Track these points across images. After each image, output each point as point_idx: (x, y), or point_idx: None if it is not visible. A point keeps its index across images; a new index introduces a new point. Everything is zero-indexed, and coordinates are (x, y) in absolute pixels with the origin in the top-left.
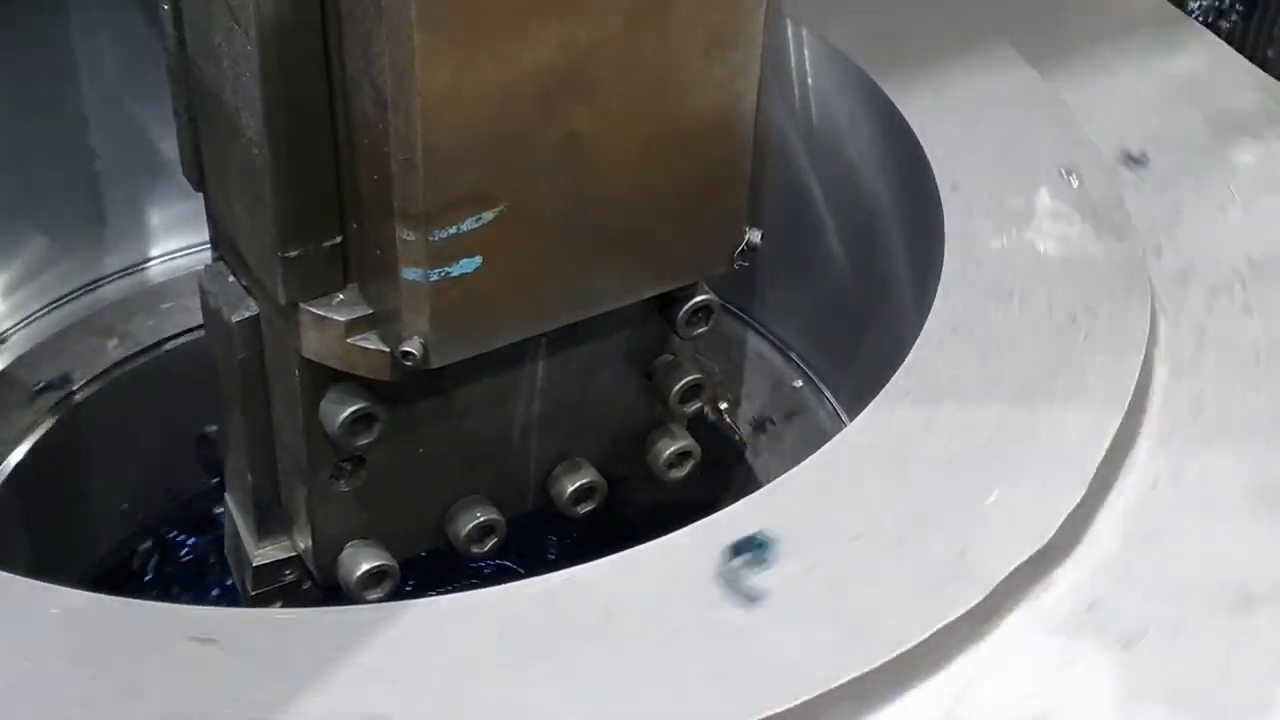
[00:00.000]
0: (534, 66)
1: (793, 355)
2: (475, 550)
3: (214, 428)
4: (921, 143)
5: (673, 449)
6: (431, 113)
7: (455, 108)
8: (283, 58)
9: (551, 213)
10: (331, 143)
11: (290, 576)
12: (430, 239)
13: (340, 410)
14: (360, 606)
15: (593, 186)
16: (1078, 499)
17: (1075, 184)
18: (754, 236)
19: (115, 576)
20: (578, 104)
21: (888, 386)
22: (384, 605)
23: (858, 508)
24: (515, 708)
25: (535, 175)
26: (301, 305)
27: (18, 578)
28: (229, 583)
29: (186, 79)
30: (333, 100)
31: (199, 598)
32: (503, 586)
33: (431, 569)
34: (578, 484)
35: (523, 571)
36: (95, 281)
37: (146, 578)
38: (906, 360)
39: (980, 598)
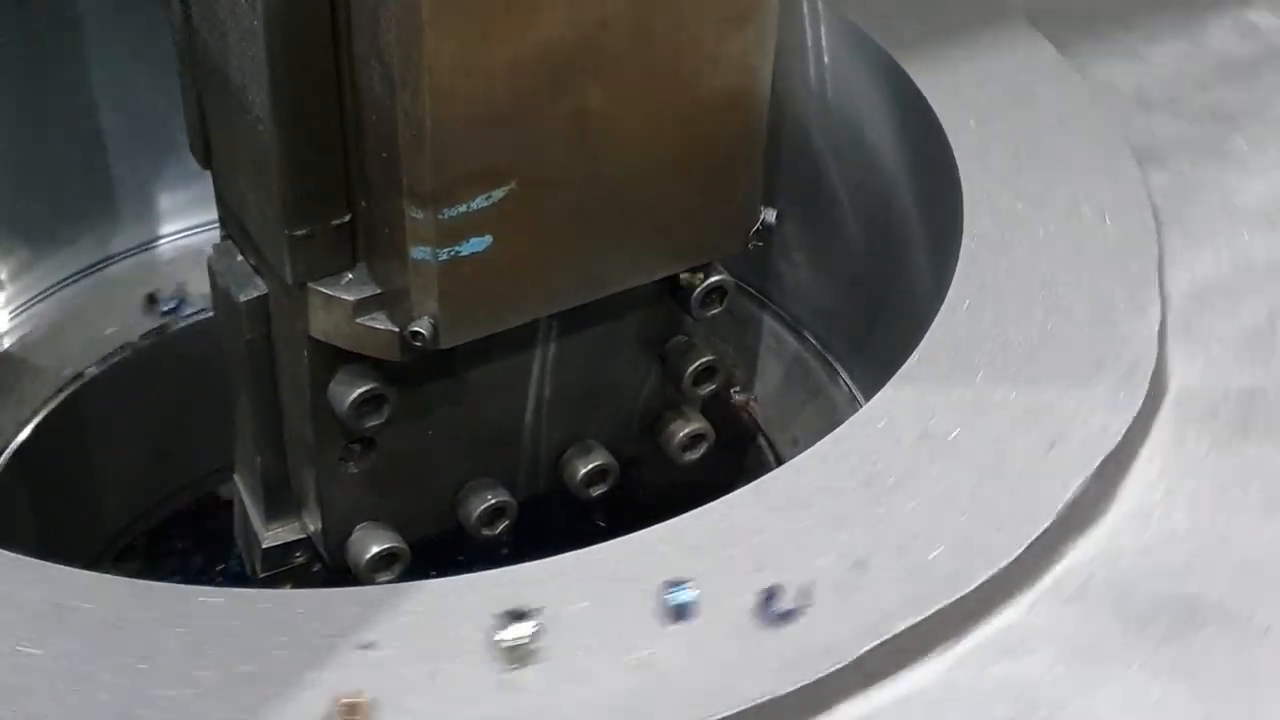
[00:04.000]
0: (544, 42)
1: (808, 335)
2: (486, 533)
3: None
4: (940, 119)
5: (686, 431)
6: (440, 89)
7: (464, 84)
8: (289, 33)
9: (563, 191)
10: (339, 120)
11: (300, 558)
12: (439, 217)
13: (349, 391)
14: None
15: (604, 165)
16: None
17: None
18: (769, 216)
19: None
20: (589, 80)
21: (913, 357)
22: (408, 584)
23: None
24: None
25: (546, 153)
26: (309, 285)
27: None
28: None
29: (193, 55)
30: (340, 76)
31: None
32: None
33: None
34: (590, 466)
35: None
36: (104, 261)
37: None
38: (932, 327)
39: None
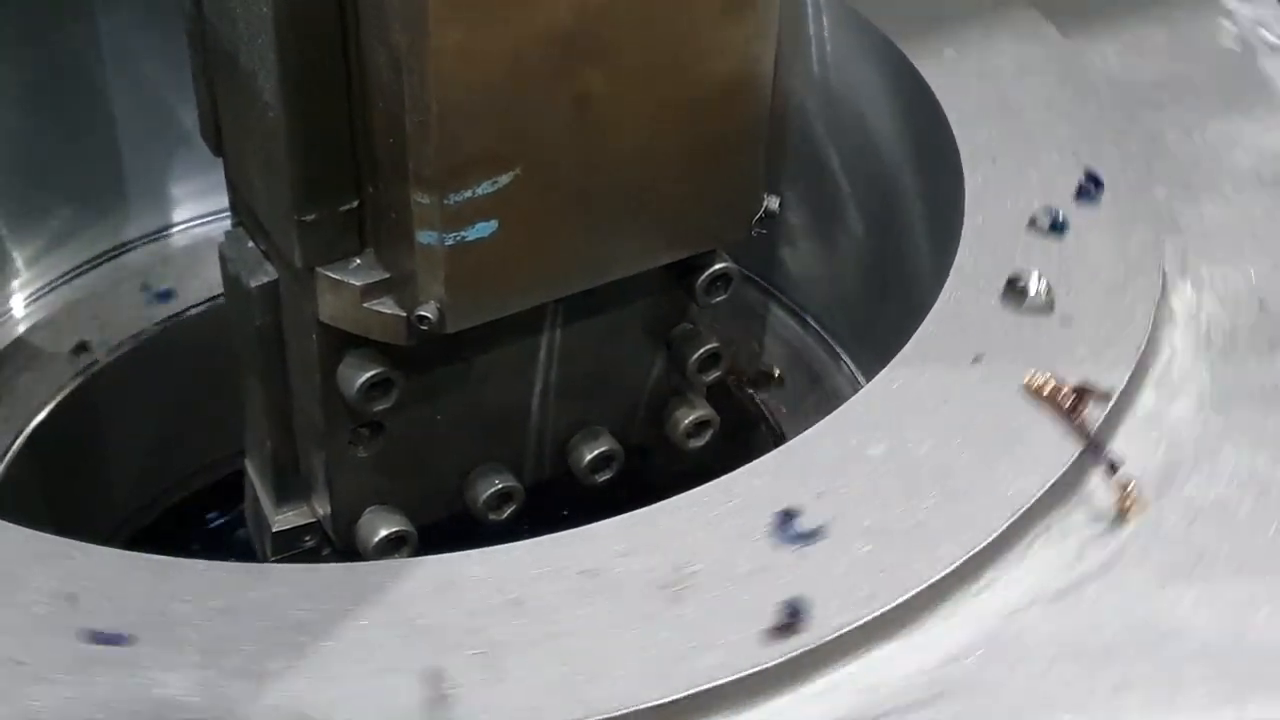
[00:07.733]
0: (547, 27)
1: (810, 320)
2: (493, 517)
3: None
4: (942, 104)
5: (691, 418)
6: (444, 74)
7: (468, 69)
8: (297, 19)
9: (567, 177)
10: (347, 105)
11: (309, 542)
12: (445, 202)
13: (357, 375)
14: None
15: (607, 151)
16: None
17: (1091, 148)
18: (772, 203)
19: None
20: (591, 66)
21: (918, 333)
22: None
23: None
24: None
25: (549, 138)
26: (318, 270)
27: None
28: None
29: (204, 42)
30: (348, 62)
31: None
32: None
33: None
34: (596, 452)
35: None
36: (118, 248)
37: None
38: (933, 310)
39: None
